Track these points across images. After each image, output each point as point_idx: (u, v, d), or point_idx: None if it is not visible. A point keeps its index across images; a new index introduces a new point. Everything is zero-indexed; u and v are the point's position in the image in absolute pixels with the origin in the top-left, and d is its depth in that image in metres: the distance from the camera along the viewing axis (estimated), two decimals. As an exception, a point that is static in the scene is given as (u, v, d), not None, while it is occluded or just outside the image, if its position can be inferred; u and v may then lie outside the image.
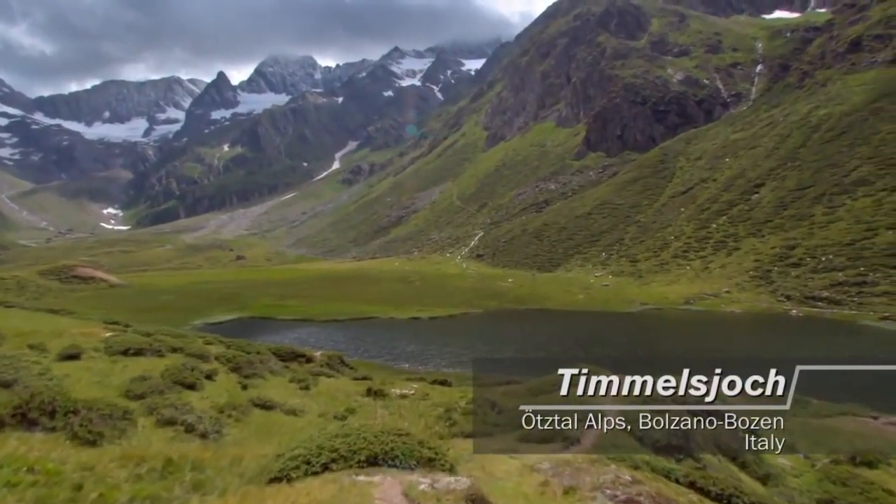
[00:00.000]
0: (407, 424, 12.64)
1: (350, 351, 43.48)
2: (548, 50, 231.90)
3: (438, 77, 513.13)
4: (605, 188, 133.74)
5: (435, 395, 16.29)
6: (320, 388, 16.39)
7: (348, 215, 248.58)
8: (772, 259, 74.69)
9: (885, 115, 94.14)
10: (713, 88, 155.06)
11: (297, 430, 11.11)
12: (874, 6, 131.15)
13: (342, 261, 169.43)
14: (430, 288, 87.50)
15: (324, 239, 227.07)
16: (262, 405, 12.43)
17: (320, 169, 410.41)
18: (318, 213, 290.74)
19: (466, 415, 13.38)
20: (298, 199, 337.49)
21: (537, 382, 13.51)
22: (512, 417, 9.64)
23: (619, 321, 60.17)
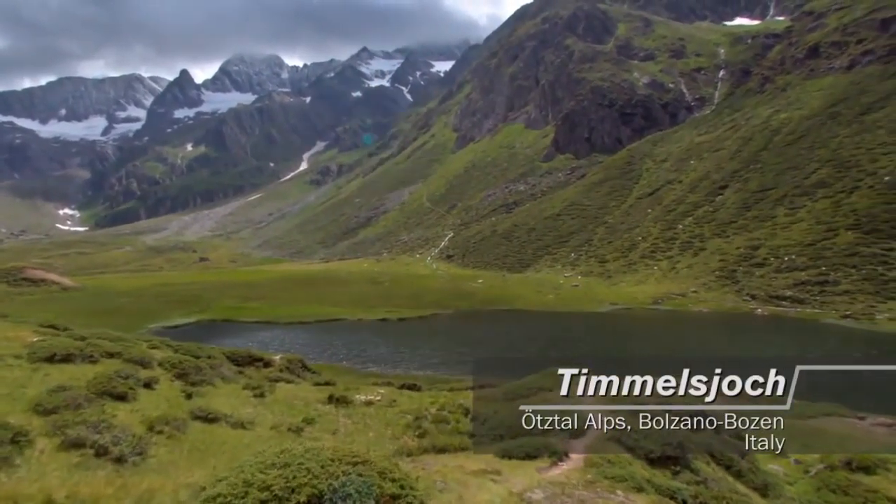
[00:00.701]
0: (372, 435, 11.43)
1: (315, 354, 41.73)
2: (516, 52, 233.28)
3: (407, 78, 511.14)
4: (573, 189, 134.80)
5: (403, 401, 15.03)
6: (277, 396, 14.87)
7: (316, 216, 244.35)
8: (737, 259, 76.12)
9: (842, 120, 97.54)
10: (678, 92, 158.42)
11: (243, 446, 9.72)
12: (830, 14, 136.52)
13: (310, 262, 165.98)
14: (399, 289, 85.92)
15: (291, 240, 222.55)
16: (205, 417, 10.89)
17: (287, 169, 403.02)
18: (286, 215, 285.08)
19: (438, 423, 12.24)
20: (265, 200, 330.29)
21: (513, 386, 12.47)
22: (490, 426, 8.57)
23: (590, 321, 60.08)
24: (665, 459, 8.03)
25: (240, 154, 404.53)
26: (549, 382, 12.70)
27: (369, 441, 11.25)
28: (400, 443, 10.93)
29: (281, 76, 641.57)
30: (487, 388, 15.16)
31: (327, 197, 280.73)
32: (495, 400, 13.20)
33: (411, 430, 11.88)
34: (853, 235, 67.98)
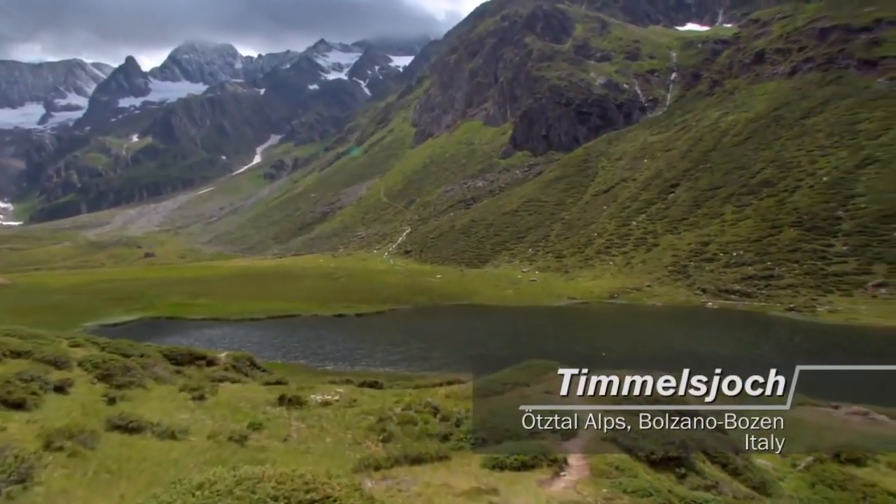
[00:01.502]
0: (330, 441, 10.07)
1: (268, 352, 39.62)
2: (476, 49, 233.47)
3: (366, 72, 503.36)
4: (531, 186, 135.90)
5: (364, 401, 13.66)
6: (220, 398, 13.20)
7: (270, 211, 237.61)
8: (688, 255, 78.31)
9: (784, 122, 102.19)
10: (632, 93, 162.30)
11: (169, 463, 8.15)
12: (775, 23, 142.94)
13: (263, 258, 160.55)
14: (356, 284, 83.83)
15: (243, 235, 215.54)
16: (125, 427, 9.19)
17: (240, 163, 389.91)
18: (238, 209, 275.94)
19: (404, 424, 11.01)
20: (216, 194, 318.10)
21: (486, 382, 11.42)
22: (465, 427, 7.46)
23: (549, 315, 60.23)
24: (667, 461, 7.25)
25: (189, 146, 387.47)
26: (525, 377, 11.76)
27: (326, 448, 9.89)
28: (363, 450, 9.63)
29: (234, 66, 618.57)
30: (456, 383, 14.12)
31: (282, 191, 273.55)
32: (466, 397, 12.17)
33: (374, 434, 10.62)
34: (795, 232, 71.08)
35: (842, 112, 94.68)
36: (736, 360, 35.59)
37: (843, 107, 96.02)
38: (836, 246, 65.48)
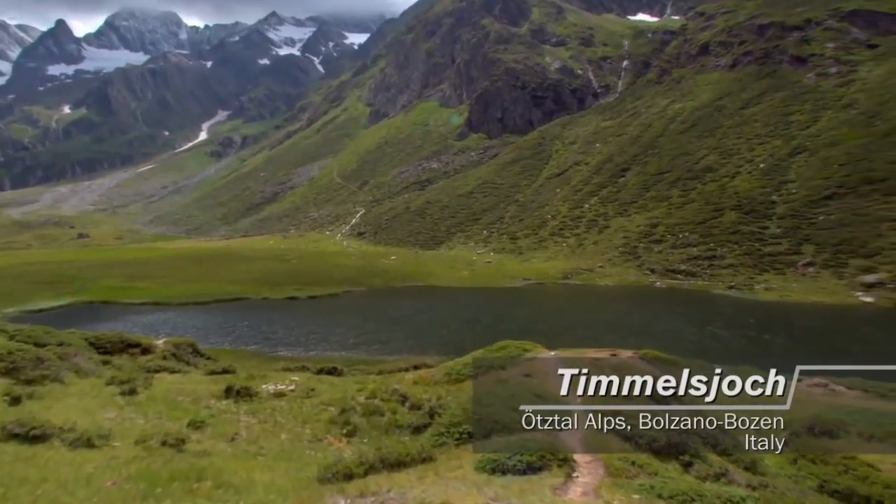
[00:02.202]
0: (286, 438, 9.00)
1: (216, 338, 37.69)
2: (433, 29, 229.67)
3: (319, 48, 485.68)
4: (486, 168, 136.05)
5: (323, 390, 12.56)
6: (155, 392, 11.69)
7: (217, 191, 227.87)
8: (637, 236, 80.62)
9: (726, 112, 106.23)
10: (586, 79, 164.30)
11: (78, 483, 6.44)
12: (719, 17, 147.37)
13: (209, 239, 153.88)
14: (308, 266, 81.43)
15: (188, 216, 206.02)
16: (26, 435, 7.51)
17: (184, 139, 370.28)
18: (182, 188, 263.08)
19: (370, 415, 10.16)
20: (158, 172, 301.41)
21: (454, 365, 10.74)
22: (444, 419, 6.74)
23: (507, 296, 60.60)
24: (670, 448, 6.87)
25: (128, 120, 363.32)
26: (500, 359, 11.16)
27: (282, 448, 8.80)
28: (325, 447, 8.67)
29: (178, 36, 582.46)
30: (423, 367, 13.39)
31: (229, 170, 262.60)
32: (437, 383, 11.48)
33: (337, 428, 9.69)
34: (735, 215, 74.46)
35: (776, 104, 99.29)
36: (693, 338, 36.95)
37: (778, 99, 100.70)
38: (770, 228, 69.07)
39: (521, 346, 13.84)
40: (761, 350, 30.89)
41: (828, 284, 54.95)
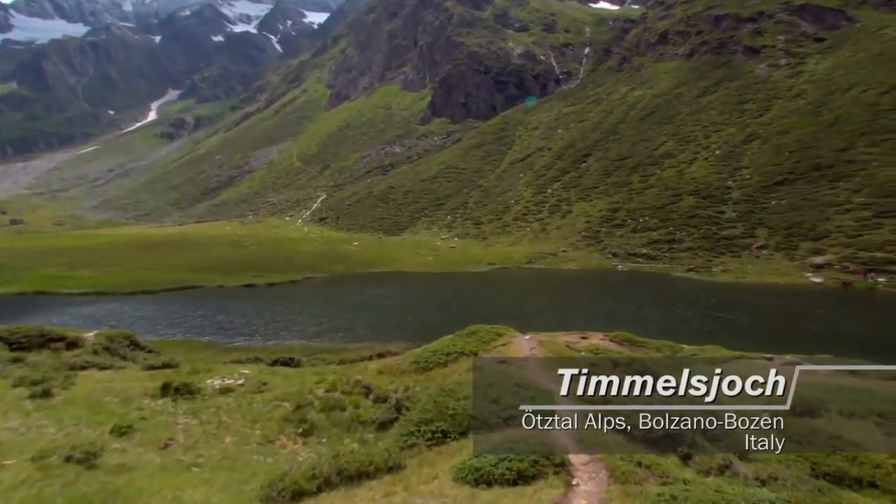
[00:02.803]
0: (230, 442, 7.83)
1: (165, 329, 35.61)
2: (395, 10, 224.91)
3: (277, 27, 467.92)
4: (449, 153, 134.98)
5: (277, 383, 11.35)
6: (77, 393, 10.09)
7: (169, 174, 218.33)
8: (599, 221, 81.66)
9: (684, 100, 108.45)
10: (548, 65, 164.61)
11: None
12: (677, 6, 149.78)
13: (161, 225, 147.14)
14: (267, 253, 78.71)
15: (137, 201, 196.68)
16: None
17: (131, 119, 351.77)
18: (130, 171, 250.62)
19: (329, 410, 9.17)
20: (103, 154, 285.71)
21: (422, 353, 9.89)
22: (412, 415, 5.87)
23: (472, 280, 60.18)
24: (667, 440, 6.30)
25: (67, 96, 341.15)
26: (472, 344, 10.40)
27: (225, 454, 7.59)
28: (276, 450, 7.62)
29: (123, 7, 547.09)
30: (388, 355, 12.49)
31: (182, 153, 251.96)
32: (404, 372, 10.62)
33: (291, 426, 8.60)
34: (693, 200, 76.35)
35: (731, 93, 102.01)
36: (660, 319, 37.40)
37: (732, 88, 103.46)
38: (726, 213, 71.15)
39: (494, 330, 13.17)
40: (726, 329, 31.54)
41: (780, 266, 57.05)
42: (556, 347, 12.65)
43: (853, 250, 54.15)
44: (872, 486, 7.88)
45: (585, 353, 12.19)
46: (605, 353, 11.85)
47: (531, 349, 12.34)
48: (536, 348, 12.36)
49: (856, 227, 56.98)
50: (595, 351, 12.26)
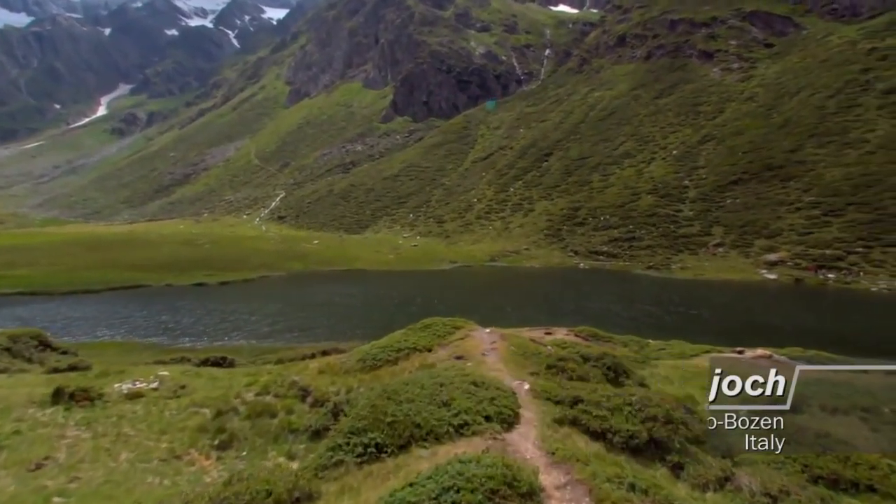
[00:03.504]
0: (126, 458, 6.45)
1: (105, 330, 33.17)
2: (356, 7, 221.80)
3: (234, 22, 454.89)
4: (411, 151, 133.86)
5: (199, 386, 9.83)
6: None
7: (120, 171, 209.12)
8: (561, 219, 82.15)
9: (642, 101, 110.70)
10: (510, 65, 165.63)
11: None
12: (635, 10, 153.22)
13: (109, 224, 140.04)
14: (222, 251, 75.51)
15: (85, 199, 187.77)
16: None
17: (79, 114, 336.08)
18: (78, 168, 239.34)
19: (256, 417, 7.89)
20: (48, 150, 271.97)
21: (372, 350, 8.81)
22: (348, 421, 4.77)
23: (434, 278, 59.20)
24: (652, 448, 5.41)
25: (9, 89, 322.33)
26: (426, 339, 9.39)
27: (111, 477, 6.01)
28: (183, 468, 6.29)
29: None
30: (334, 353, 11.31)
31: (134, 149, 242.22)
32: (348, 371, 9.50)
33: (207, 438, 7.24)
34: (652, 199, 77.72)
35: (687, 95, 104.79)
36: (626, 314, 37.27)
37: (688, 91, 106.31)
38: (684, 211, 72.70)
39: (452, 323, 12.20)
40: (690, 325, 31.60)
41: (736, 263, 58.51)
42: (519, 342, 11.85)
43: (804, 248, 56.06)
44: (871, 490, 7.35)
45: (552, 347, 11.42)
46: (573, 347, 11.12)
47: (492, 344, 11.47)
48: (498, 343, 11.50)
49: (806, 226, 59.05)
50: (562, 346, 11.51)
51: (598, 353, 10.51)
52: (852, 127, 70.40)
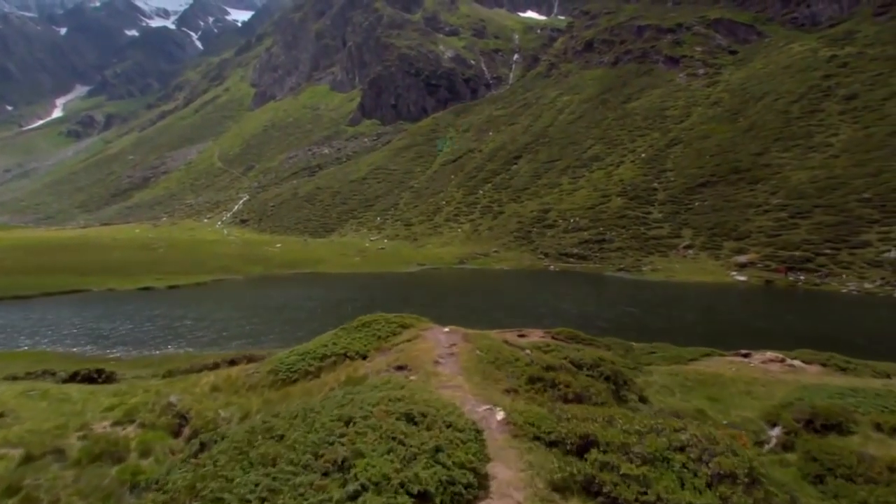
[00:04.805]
0: None
1: (26, 339, 29.72)
2: (323, 9, 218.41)
3: (198, 23, 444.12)
4: (379, 154, 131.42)
5: (30, 413, 7.26)
6: None
7: (75, 175, 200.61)
8: (531, 221, 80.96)
9: (610, 105, 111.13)
10: (478, 70, 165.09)
11: None
12: (602, 16, 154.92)
13: (60, 229, 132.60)
14: (177, 255, 71.36)
15: (38, 203, 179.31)
16: None
17: (33, 116, 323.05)
18: (30, 172, 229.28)
19: (88, 464, 5.56)
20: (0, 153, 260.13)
21: (287, 357, 6.57)
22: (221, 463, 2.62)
23: (400, 281, 56.88)
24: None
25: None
26: (360, 343, 7.21)
27: None
28: None
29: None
30: (245, 362, 8.91)
31: (91, 153, 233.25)
32: (253, 387, 7.27)
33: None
34: (621, 201, 77.23)
35: (654, 99, 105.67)
36: (607, 316, 35.55)
37: (655, 95, 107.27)
38: (653, 213, 72.34)
39: (398, 320, 9.84)
40: (672, 327, 30.13)
41: (706, 265, 58.08)
42: (488, 344, 9.58)
43: (773, 249, 55.98)
44: None
45: (531, 350, 9.22)
46: (559, 351, 9.08)
47: (450, 347, 9.17)
48: (459, 346, 9.21)
49: (774, 228, 59.13)
50: (545, 348, 9.36)
51: (593, 358, 8.47)
52: (816, 131, 71.56)
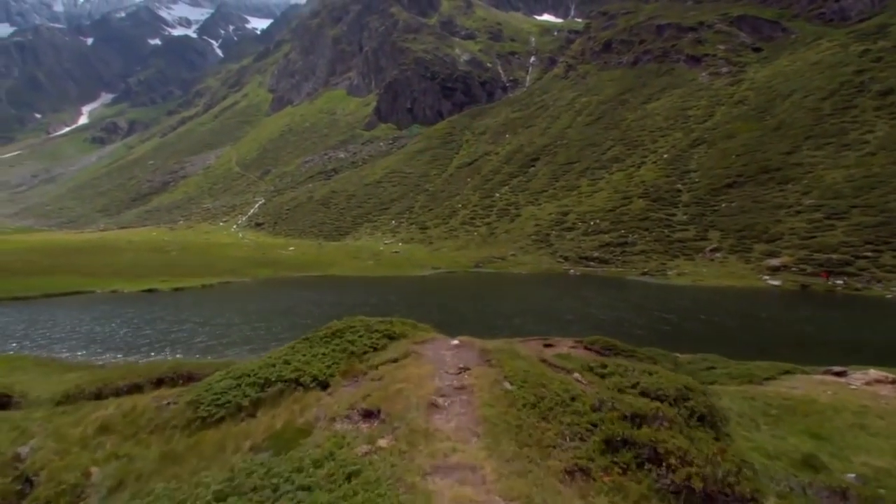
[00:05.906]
0: None
1: (16, 342, 28.37)
2: (340, 15, 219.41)
3: (218, 32, 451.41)
4: (395, 158, 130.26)
5: None
6: None
7: (98, 180, 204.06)
8: (549, 224, 78.50)
9: (629, 106, 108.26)
10: (495, 72, 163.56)
11: None
12: (620, 16, 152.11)
13: (80, 232, 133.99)
14: (189, 258, 70.57)
15: (62, 207, 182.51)
16: None
17: (60, 123, 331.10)
18: (56, 177, 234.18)
19: None
20: (27, 158, 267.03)
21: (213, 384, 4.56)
22: None
23: (413, 284, 54.91)
24: None
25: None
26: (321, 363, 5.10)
27: None
28: None
29: (52, 8, 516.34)
30: (179, 382, 6.74)
31: (114, 158, 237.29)
32: (159, 427, 5.19)
33: None
34: (644, 203, 74.35)
35: (675, 99, 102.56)
36: (640, 322, 32.85)
37: (676, 95, 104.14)
38: (677, 215, 69.29)
39: (385, 327, 6.88)
40: (713, 334, 27.07)
41: (736, 269, 54.89)
42: (522, 369, 6.61)
43: (808, 252, 52.62)
44: None
45: (582, 373, 6.13)
46: (620, 375, 6.06)
47: (460, 374, 6.37)
48: (474, 371, 6.46)
49: (808, 229, 55.73)
50: (599, 370, 6.12)
51: (674, 387, 5.70)
52: (850, 128, 67.85)
